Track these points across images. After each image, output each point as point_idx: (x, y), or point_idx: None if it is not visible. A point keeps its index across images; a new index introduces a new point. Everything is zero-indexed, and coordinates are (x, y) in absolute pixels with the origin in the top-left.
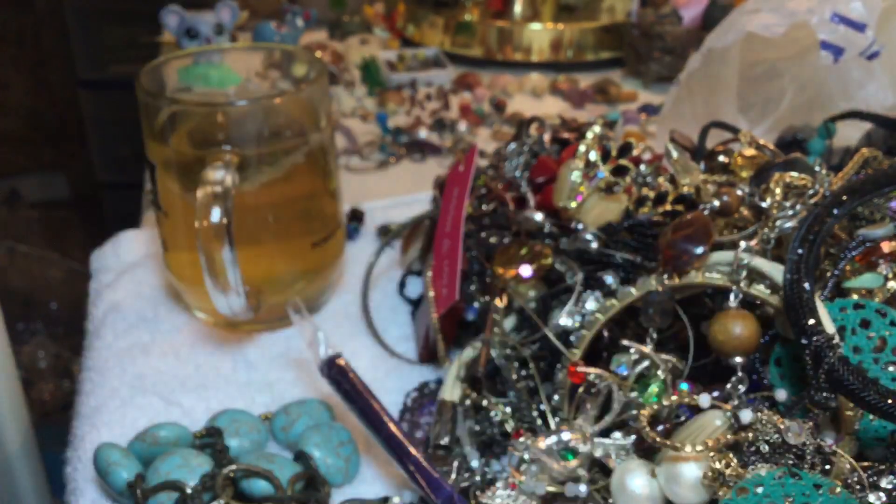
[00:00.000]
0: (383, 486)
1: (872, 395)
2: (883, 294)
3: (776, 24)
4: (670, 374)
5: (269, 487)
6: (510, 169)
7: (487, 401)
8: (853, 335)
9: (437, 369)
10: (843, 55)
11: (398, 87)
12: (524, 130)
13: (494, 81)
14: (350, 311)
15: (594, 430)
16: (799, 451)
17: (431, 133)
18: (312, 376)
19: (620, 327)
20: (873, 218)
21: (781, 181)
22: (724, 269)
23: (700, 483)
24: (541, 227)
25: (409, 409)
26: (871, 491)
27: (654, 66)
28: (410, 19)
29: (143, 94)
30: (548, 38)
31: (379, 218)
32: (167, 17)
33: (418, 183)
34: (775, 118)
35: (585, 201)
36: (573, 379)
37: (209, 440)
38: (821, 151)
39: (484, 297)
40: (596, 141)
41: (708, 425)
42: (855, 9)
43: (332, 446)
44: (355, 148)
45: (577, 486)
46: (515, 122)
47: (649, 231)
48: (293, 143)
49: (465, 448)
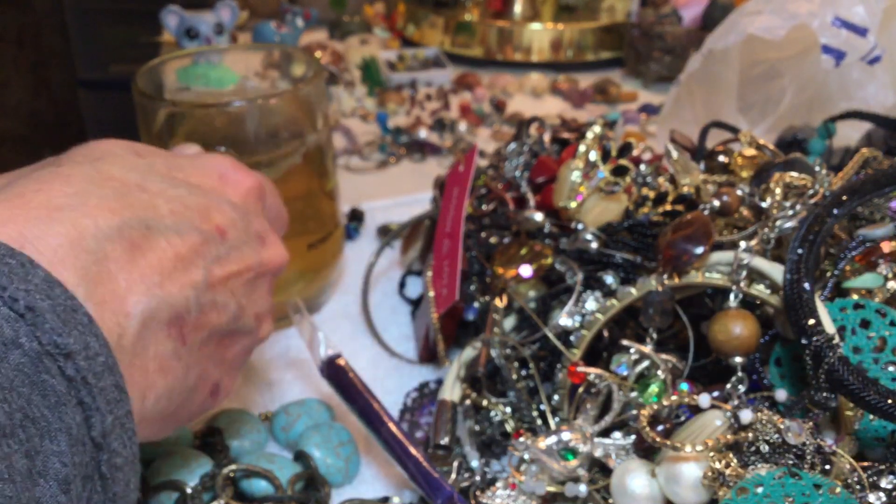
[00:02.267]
0: (383, 486)
1: (872, 395)
2: (883, 294)
3: (777, 27)
4: (670, 374)
5: (269, 487)
6: (510, 169)
7: (487, 401)
8: (853, 335)
9: (437, 369)
10: (844, 59)
11: (398, 87)
12: (524, 130)
13: (494, 81)
14: (350, 311)
15: (594, 430)
16: (799, 451)
17: (431, 133)
18: (312, 376)
19: (620, 327)
20: (873, 218)
21: (781, 181)
22: (724, 269)
23: (700, 483)
24: (541, 227)
25: (409, 409)
26: (871, 491)
27: (654, 66)
28: (410, 19)
29: (140, 95)
30: (548, 38)
31: (379, 218)
32: (167, 17)
33: (418, 183)
34: (775, 118)
35: (585, 201)
36: (573, 379)
37: (209, 440)
38: (821, 151)
39: (484, 297)
40: (596, 141)
41: (708, 425)
42: (857, 13)
43: (332, 446)
44: (355, 148)
45: (577, 486)
46: (515, 122)
47: (649, 231)
48: (291, 144)
49: (465, 448)
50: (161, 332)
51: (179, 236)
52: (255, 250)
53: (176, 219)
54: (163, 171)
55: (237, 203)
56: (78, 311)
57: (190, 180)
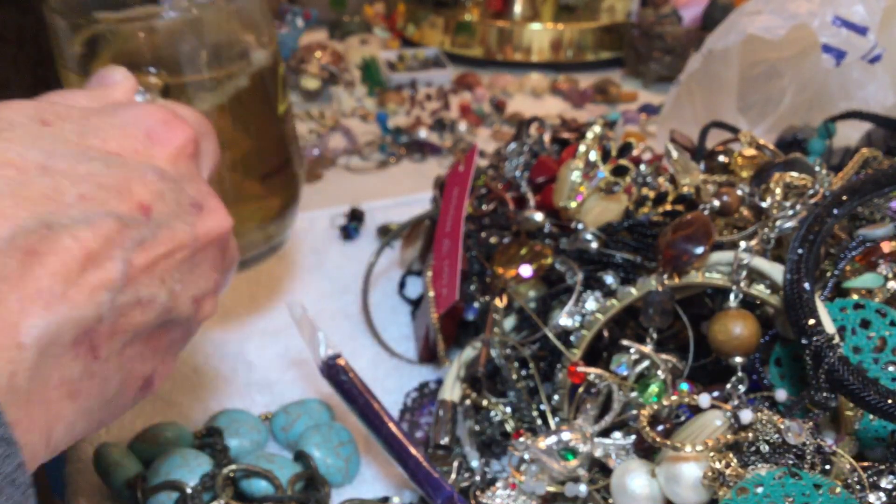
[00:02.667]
0: (383, 486)
1: (872, 395)
2: (883, 294)
3: (777, 27)
4: (670, 374)
5: (269, 487)
6: (510, 169)
7: (487, 401)
8: (853, 335)
9: (437, 369)
10: (844, 59)
11: (398, 87)
12: (524, 130)
13: (494, 81)
14: (350, 311)
15: (594, 430)
16: (799, 451)
17: (431, 133)
18: (312, 376)
19: (620, 327)
20: (873, 218)
21: (781, 181)
22: (724, 269)
23: (700, 483)
24: (541, 227)
25: (409, 409)
26: (871, 491)
27: (654, 66)
28: (410, 19)
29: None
30: (548, 38)
31: (379, 218)
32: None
33: (418, 183)
34: (775, 118)
35: (585, 201)
36: (573, 379)
37: (209, 440)
38: (821, 151)
39: (484, 297)
40: (596, 141)
41: (708, 425)
42: (857, 12)
43: (332, 446)
44: (355, 148)
45: (577, 486)
46: (515, 122)
47: (649, 231)
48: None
49: (465, 448)
50: (66, 354)
51: (89, 227)
52: (189, 223)
53: (85, 206)
54: (74, 139)
55: (165, 168)
56: None
57: (108, 147)
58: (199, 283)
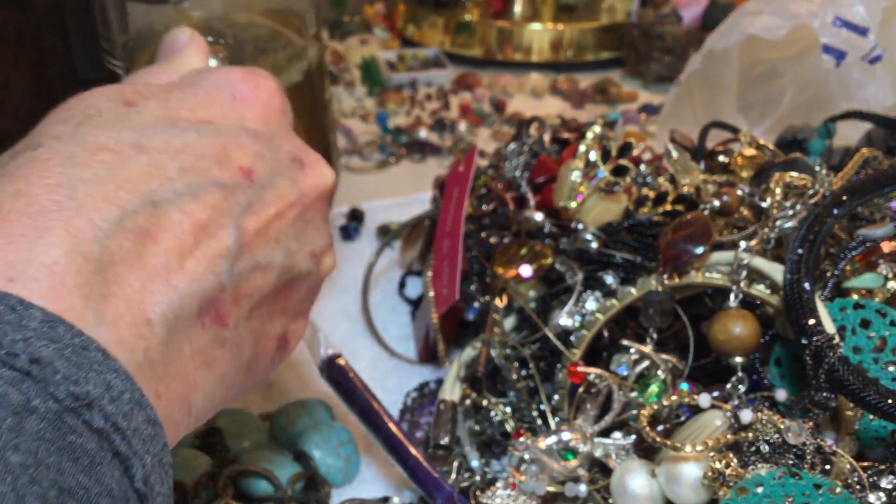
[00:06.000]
0: (383, 486)
1: (872, 395)
2: (883, 294)
3: (777, 27)
4: (670, 374)
5: (269, 487)
6: (510, 169)
7: (487, 401)
8: (853, 335)
9: (437, 369)
10: (844, 59)
11: (398, 87)
12: (524, 130)
13: (494, 81)
14: (350, 311)
15: (594, 430)
16: (799, 451)
17: (431, 133)
18: (312, 376)
19: (620, 327)
20: (873, 218)
21: (781, 181)
22: (724, 269)
23: (700, 483)
24: (541, 227)
25: (409, 409)
26: (871, 491)
27: (654, 66)
28: (410, 19)
29: None
30: (548, 38)
31: (379, 218)
32: None
33: (418, 183)
34: (775, 118)
35: (585, 201)
36: (573, 379)
37: (209, 440)
38: (821, 151)
39: (484, 297)
40: (596, 141)
41: (708, 425)
42: (857, 12)
43: (332, 446)
44: (355, 148)
45: (577, 486)
46: (515, 122)
47: (649, 231)
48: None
49: (465, 448)
50: (193, 326)
51: (195, 199)
52: (293, 180)
53: (188, 177)
54: (162, 115)
55: (258, 128)
56: (89, 347)
57: (197, 116)
58: (314, 239)
